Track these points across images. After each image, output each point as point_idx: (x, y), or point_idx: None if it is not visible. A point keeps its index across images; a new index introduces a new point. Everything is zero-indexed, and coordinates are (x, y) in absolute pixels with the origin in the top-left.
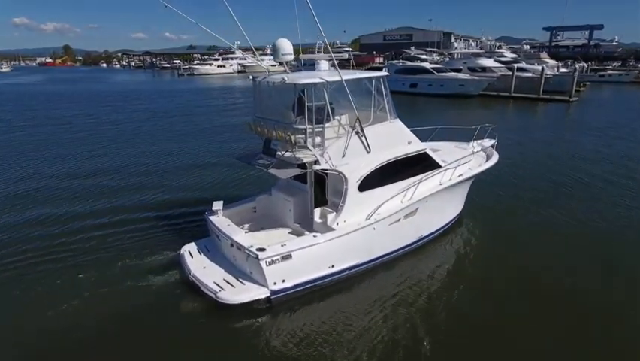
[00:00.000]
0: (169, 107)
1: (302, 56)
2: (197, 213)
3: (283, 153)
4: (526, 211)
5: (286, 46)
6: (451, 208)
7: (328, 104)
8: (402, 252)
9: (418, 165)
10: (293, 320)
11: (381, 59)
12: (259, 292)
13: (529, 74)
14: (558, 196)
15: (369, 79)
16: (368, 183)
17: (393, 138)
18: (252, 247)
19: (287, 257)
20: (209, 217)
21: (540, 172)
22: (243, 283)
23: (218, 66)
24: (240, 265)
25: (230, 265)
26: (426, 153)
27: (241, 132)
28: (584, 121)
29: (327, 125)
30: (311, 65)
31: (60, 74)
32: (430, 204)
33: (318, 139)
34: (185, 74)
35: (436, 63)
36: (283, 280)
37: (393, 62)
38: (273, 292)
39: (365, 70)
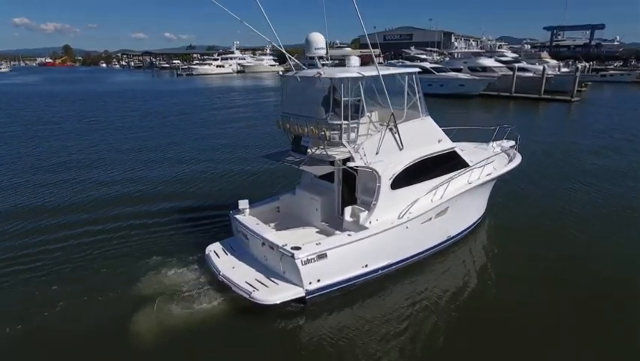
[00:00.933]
0: (165, 107)
1: (332, 52)
2: (216, 213)
3: (315, 149)
4: (544, 211)
5: (319, 40)
6: (477, 208)
7: (363, 99)
8: (431, 252)
9: (447, 163)
10: (328, 320)
11: (381, 59)
12: (294, 292)
13: (530, 74)
14: (569, 195)
15: (402, 75)
16: (400, 181)
17: (425, 136)
18: (286, 245)
19: (322, 256)
20: (236, 216)
21: (548, 172)
22: (277, 283)
23: (217, 66)
24: (272, 264)
25: (260, 264)
26: (455, 152)
27: (238, 130)
28: (586, 122)
29: (361, 121)
30: (309, 65)
31: (59, 74)
32: (459, 204)
33: (352, 135)
34: (183, 74)
35: (436, 63)
36: (318, 280)
37: (393, 61)
38: (308, 292)
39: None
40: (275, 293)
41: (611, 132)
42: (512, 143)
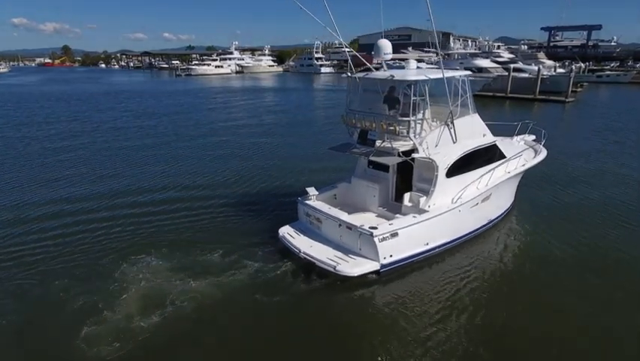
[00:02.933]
0: (160, 106)
1: (395, 56)
2: (275, 201)
3: (382, 142)
4: (559, 200)
5: (387, 45)
6: (511, 195)
7: (428, 98)
8: (475, 233)
9: (490, 155)
10: (399, 289)
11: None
12: (371, 266)
13: (526, 75)
14: (568, 190)
15: (457, 77)
16: (453, 170)
17: (473, 130)
18: (363, 225)
19: (394, 235)
20: (307, 202)
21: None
22: (354, 259)
23: (215, 66)
24: (347, 242)
25: (333, 243)
26: (496, 145)
27: (239, 129)
28: (579, 122)
29: (424, 117)
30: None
31: (57, 75)
32: (499, 191)
33: (418, 129)
34: (182, 74)
35: (432, 64)
36: (391, 255)
37: (390, 62)
38: (382, 266)
39: (361, 70)
40: (355, 267)
41: (603, 134)
42: (533, 137)
